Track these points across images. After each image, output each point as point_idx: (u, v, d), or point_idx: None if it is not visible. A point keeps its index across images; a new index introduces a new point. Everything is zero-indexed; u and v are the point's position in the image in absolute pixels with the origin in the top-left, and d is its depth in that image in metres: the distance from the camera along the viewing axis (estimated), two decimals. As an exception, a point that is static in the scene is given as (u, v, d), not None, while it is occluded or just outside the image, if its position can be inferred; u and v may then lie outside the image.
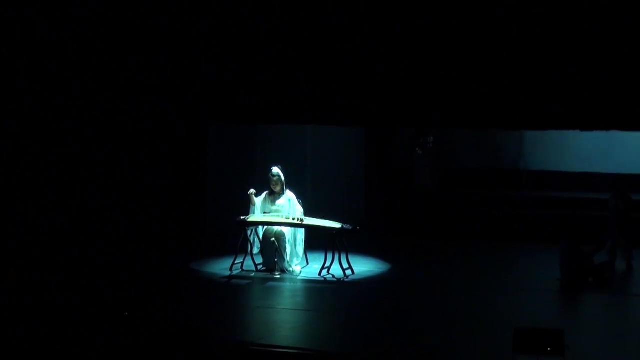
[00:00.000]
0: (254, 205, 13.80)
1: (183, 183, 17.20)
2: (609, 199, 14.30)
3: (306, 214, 13.87)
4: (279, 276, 13.49)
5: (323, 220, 13.79)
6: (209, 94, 15.55)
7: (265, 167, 14.23)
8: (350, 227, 13.59)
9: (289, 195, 13.83)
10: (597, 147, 17.62)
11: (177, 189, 17.15)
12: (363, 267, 13.98)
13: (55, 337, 10.34)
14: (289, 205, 13.76)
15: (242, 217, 13.73)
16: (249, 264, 13.73)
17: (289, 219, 13.64)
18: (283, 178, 13.80)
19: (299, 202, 13.87)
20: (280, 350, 9.91)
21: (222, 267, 13.85)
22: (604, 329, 11.28)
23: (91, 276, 13.28)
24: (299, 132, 16.75)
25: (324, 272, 13.47)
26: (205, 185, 17.01)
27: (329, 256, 13.45)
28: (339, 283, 13.20)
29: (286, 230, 13.67)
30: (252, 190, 13.82)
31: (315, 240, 13.98)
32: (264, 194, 13.90)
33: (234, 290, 12.97)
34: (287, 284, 13.24)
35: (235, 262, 13.68)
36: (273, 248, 13.62)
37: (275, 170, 13.81)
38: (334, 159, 17.06)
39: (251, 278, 13.49)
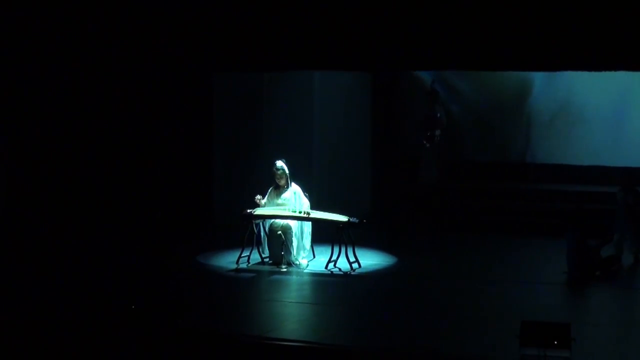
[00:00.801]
0: (263, 206, 13.84)
1: (190, 176, 17.25)
2: (617, 192, 14.31)
3: (312, 207, 13.90)
4: (285, 269, 13.53)
5: (329, 214, 13.83)
6: (214, 42, 15.84)
7: (272, 160, 14.28)
8: (357, 220, 13.62)
9: (295, 188, 13.86)
10: (605, 139, 17.63)
11: (184, 181, 17.21)
12: (369, 260, 14.02)
13: (61, 330, 10.38)
14: (295, 199, 13.79)
15: (248, 210, 13.77)
16: (255, 257, 13.77)
17: (295, 212, 13.68)
18: (287, 171, 13.84)
19: (305, 195, 13.90)
20: (287, 343, 9.95)
21: (228, 261, 13.89)
22: (611, 322, 11.30)
23: (97, 269, 13.33)
24: (306, 125, 16.78)
25: (331, 265, 13.51)
26: (212, 178, 17.06)
27: (336, 249, 13.48)
28: (345, 276, 13.24)
29: (293, 224, 13.71)
30: (259, 196, 13.84)
31: (322, 234, 14.02)
32: (269, 190, 13.93)
33: (241, 284, 13.02)
34: (294, 277, 13.29)
35: (242, 255, 13.72)
36: (280, 241, 13.66)
37: (279, 164, 13.84)
38: (340, 152, 17.08)
39: (258, 271, 13.52)
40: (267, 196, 13.90)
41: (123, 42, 17.28)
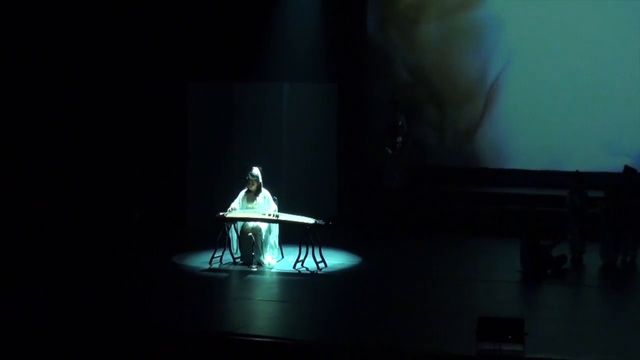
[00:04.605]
0: (235, 210, 13.79)
1: (165, 181, 17.22)
2: (566, 195, 14.38)
3: (281, 210, 13.88)
4: (255, 269, 13.48)
5: (297, 216, 13.80)
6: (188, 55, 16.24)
7: (243, 166, 14.30)
8: (323, 223, 13.61)
9: (265, 193, 13.85)
10: (556, 145, 17.69)
11: (160, 186, 17.18)
12: (335, 260, 13.99)
13: (37, 328, 10.26)
14: (264, 203, 13.78)
15: (221, 213, 13.72)
16: (227, 258, 13.72)
17: (265, 215, 13.64)
18: (261, 178, 13.82)
19: (273, 199, 13.88)
20: (258, 339, 9.91)
21: (202, 261, 13.82)
22: (562, 317, 11.33)
23: (73, 270, 13.23)
24: (275, 132, 16.76)
25: (298, 265, 13.48)
26: (185, 182, 17.02)
27: (303, 250, 13.46)
28: (312, 275, 13.21)
29: (262, 226, 13.67)
30: (233, 207, 13.78)
31: (290, 235, 13.98)
32: (242, 193, 13.89)
33: (213, 283, 12.95)
34: (264, 277, 13.24)
35: (215, 255, 13.66)
36: (250, 242, 13.62)
37: (256, 171, 13.83)
38: (308, 158, 17.06)
39: (229, 271, 13.47)
40: (239, 200, 13.85)
41: (105, 53, 17.27)
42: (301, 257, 13.47)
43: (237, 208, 13.78)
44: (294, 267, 13.49)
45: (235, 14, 17.55)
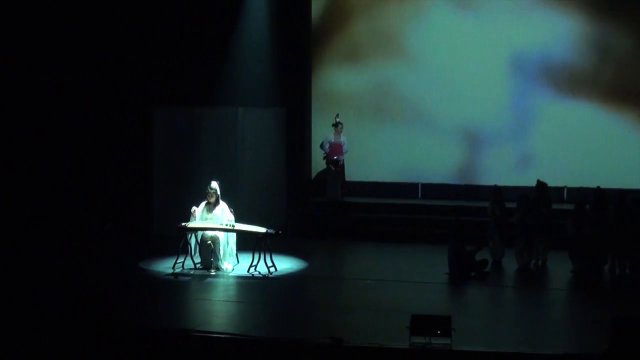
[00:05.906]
0: (195, 219, 13.74)
1: (133, 194, 17.14)
2: (487, 206, 14.53)
3: (237, 220, 13.86)
4: (214, 273, 13.44)
5: (251, 226, 13.79)
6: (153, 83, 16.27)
7: (203, 182, 14.26)
8: (274, 232, 13.62)
9: (223, 205, 13.81)
10: (479, 162, 17.86)
11: (128, 199, 17.08)
12: (284, 265, 14.00)
13: (11, 331, 10.09)
14: (222, 213, 13.74)
15: (183, 224, 13.65)
16: (189, 263, 13.65)
17: (222, 225, 13.60)
18: (219, 191, 13.79)
19: (230, 210, 13.85)
20: (216, 335, 9.88)
21: (166, 266, 13.74)
22: (484, 314, 11.45)
23: (47, 274, 13.05)
24: (231, 151, 16.73)
25: (252, 269, 13.46)
26: (152, 196, 16.93)
27: (256, 256, 13.44)
28: (264, 278, 13.20)
29: (220, 235, 13.63)
30: (194, 208, 13.75)
31: (245, 243, 13.96)
32: (202, 204, 13.84)
33: (176, 285, 12.89)
34: (221, 280, 13.20)
35: (177, 261, 13.59)
36: (209, 249, 13.58)
37: (214, 185, 13.79)
38: (261, 174, 17.07)
39: (190, 275, 13.40)
40: (200, 210, 13.80)
41: (79, 83, 17.12)
42: (254, 263, 13.45)
43: (198, 211, 13.71)
44: (248, 271, 13.47)
45: (195, 46, 17.54)
